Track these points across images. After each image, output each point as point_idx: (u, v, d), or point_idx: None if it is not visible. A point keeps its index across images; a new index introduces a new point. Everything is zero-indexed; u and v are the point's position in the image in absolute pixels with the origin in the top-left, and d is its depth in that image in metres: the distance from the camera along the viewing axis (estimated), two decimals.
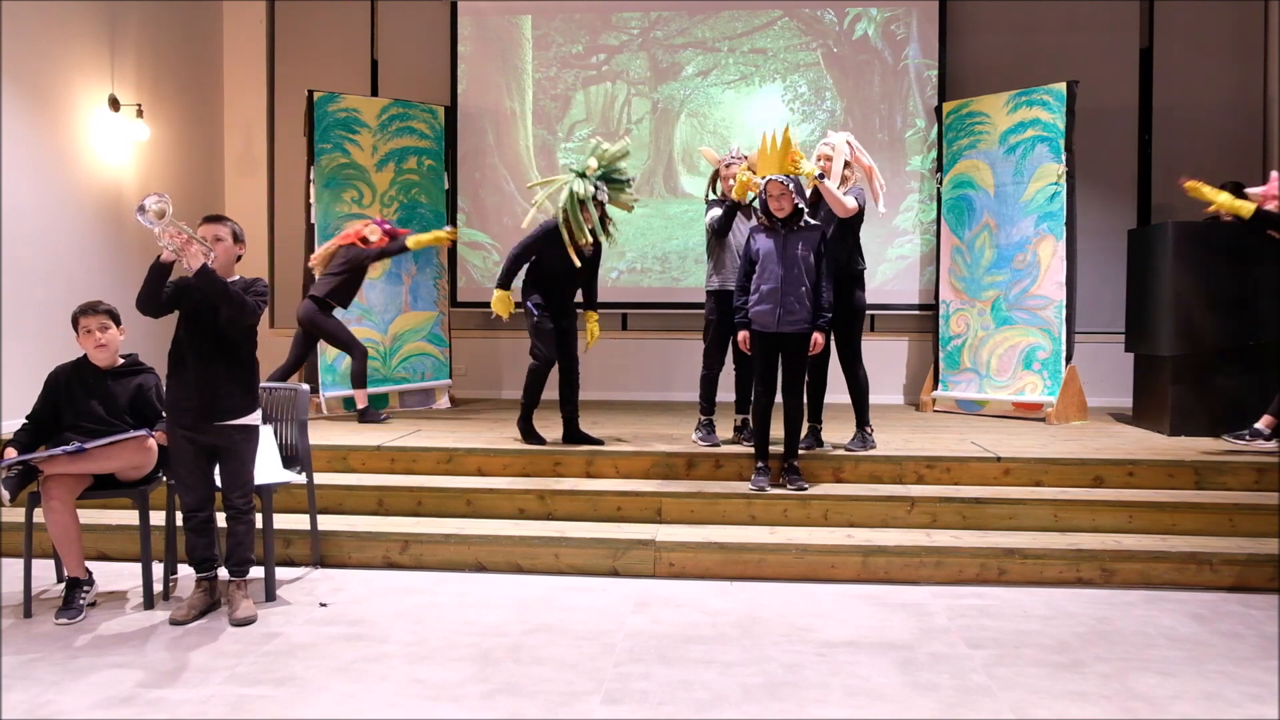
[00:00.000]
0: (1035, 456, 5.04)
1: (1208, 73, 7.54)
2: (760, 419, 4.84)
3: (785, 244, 4.66)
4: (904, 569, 4.34)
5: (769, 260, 4.68)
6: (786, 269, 4.63)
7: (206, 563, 3.88)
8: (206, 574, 3.88)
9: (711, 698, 3.10)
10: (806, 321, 4.68)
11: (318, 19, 8.15)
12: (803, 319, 4.66)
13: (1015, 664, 3.39)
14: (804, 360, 4.76)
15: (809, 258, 4.67)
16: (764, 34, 7.82)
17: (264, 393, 4.52)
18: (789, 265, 4.64)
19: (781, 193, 4.60)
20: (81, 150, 6.38)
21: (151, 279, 3.68)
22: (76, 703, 3.05)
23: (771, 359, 4.75)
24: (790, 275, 4.63)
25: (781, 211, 4.63)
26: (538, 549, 4.46)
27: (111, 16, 6.67)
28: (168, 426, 3.85)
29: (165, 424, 3.98)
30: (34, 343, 5.80)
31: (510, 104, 7.96)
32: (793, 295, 4.63)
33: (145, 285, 3.68)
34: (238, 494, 3.84)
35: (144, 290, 3.69)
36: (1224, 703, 3.08)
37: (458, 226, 7.82)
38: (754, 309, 4.72)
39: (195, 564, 3.87)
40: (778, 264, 4.65)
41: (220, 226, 3.85)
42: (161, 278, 3.69)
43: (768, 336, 4.71)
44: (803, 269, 4.64)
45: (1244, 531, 4.55)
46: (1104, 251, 7.43)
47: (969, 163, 7.00)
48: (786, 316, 4.65)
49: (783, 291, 4.63)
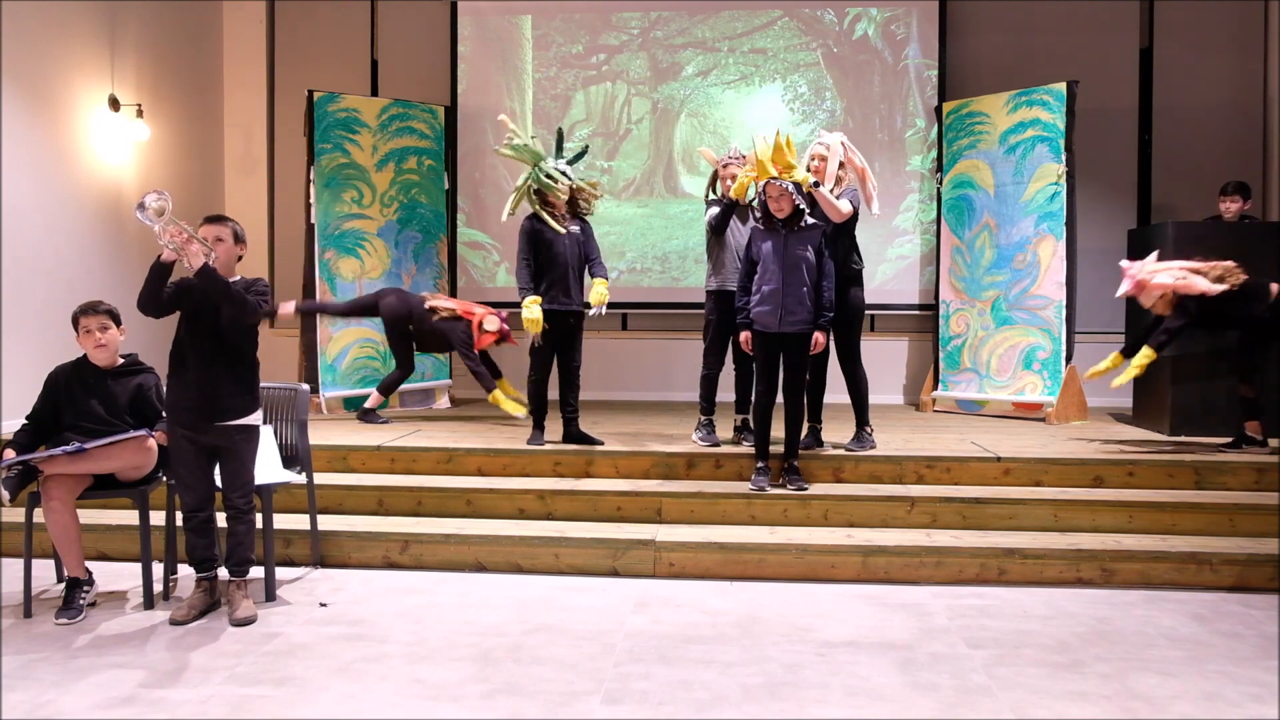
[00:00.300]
0: (1035, 456, 5.04)
1: (1208, 73, 7.54)
2: (761, 418, 4.85)
3: (786, 244, 4.68)
4: (904, 569, 4.34)
5: (770, 261, 4.70)
6: (787, 270, 4.65)
7: (207, 563, 3.88)
8: (207, 574, 3.88)
9: (711, 698, 3.10)
10: (808, 322, 4.70)
11: (318, 19, 8.15)
12: (804, 319, 4.68)
13: (1015, 664, 3.39)
14: (805, 360, 4.78)
15: (809, 257, 4.69)
16: (764, 34, 7.82)
17: (264, 392, 4.52)
18: (789, 266, 4.66)
19: (780, 194, 4.62)
20: (81, 150, 6.38)
21: (152, 278, 3.68)
22: (77, 703, 3.05)
23: (773, 359, 4.78)
24: (791, 276, 4.65)
25: (781, 212, 4.65)
26: (538, 549, 4.46)
27: (111, 16, 6.67)
28: (168, 426, 3.85)
29: (165, 424, 3.98)
30: (34, 343, 5.80)
31: (510, 104, 7.95)
32: (793, 295, 4.65)
33: (146, 285, 3.68)
34: (238, 494, 3.84)
35: (145, 290, 3.69)
36: (1224, 703, 3.08)
37: (458, 227, 7.84)
38: (755, 309, 4.74)
39: (195, 564, 3.87)
40: (778, 265, 4.67)
41: (221, 227, 3.85)
42: (162, 277, 3.69)
43: (769, 336, 4.74)
44: (804, 269, 4.66)
45: (1244, 531, 4.55)
46: (1104, 251, 7.42)
47: (969, 163, 7.00)
48: (788, 317, 4.66)
49: (784, 292, 4.65)
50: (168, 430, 3.86)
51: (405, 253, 7.18)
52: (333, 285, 6.83)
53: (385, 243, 7.09)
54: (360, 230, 6.98)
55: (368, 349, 7.00)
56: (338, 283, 6.86)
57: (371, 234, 7.03)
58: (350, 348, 6.93)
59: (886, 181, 7.73)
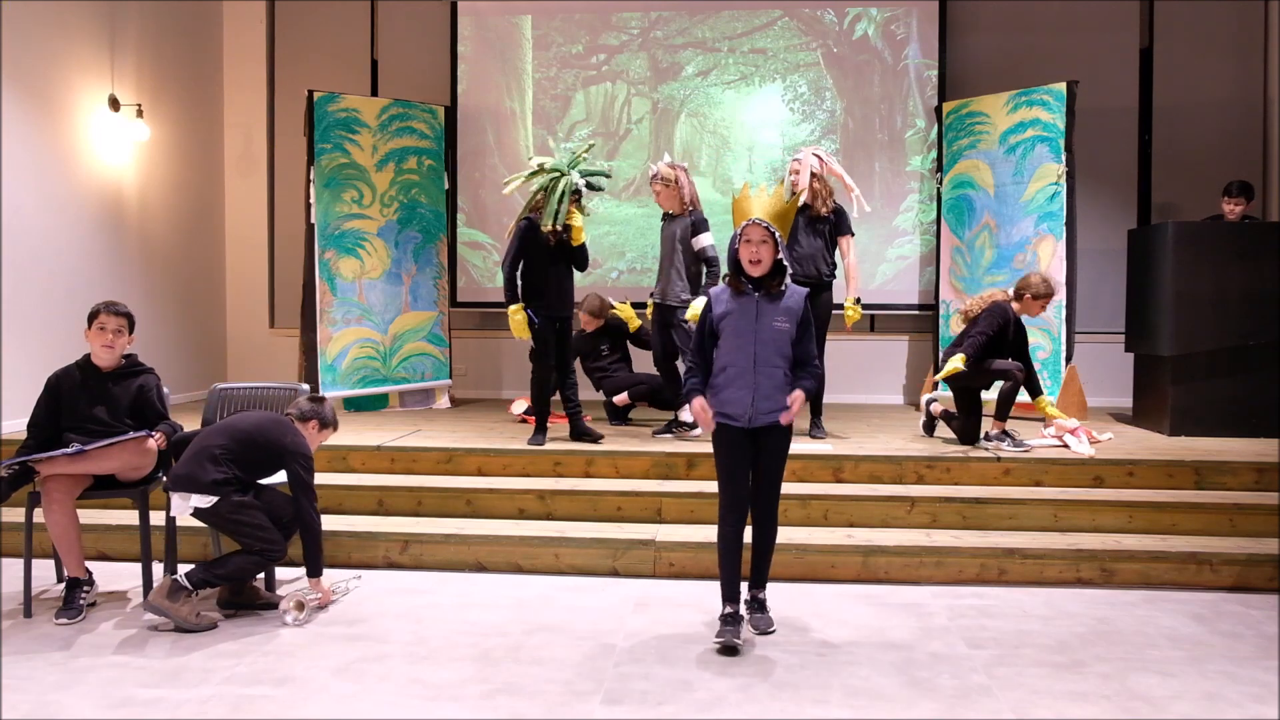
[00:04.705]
0: (1035, 457, 5.04)
1: (1208, 72, 7.54)
2: (728, 557, 3.60)
3: (759, 312, 3.54)
4: (904, 569, 4.34)
5: (738, 334, 3.55)
6: (760, 346, 3.52)
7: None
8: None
9: (711, 698, 3.10)
10: (788, 408, 3.55)
11: (318, 19, 8.15)
12: (783, 406, 3.53)
13: (1015, 664, 3.39)
14: (783, 457, 3.64)
15: (790, 331, 3.55)
16: (764, 34, 7.82)
17: (264, 392, 4.54)
18: (763, 341, 3.53)
19: (763, 239, 3.50)
20: (81, 150, 6.38)
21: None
22: (77, 703, 3.05)
23: (742, 462, 3.57)
24: (765, 354, 3.52)
25: (758, 265, 3.51)
26: (538, 549, 4.46)
27: (111, 16, 6.67)
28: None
29: (167, 425, 3.99)
30: (34, 343, 5.80)
31: (510, 104, 7.96)
32: (769, 378, 3.52)
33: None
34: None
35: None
36: (1224, 703, 3.08)
37: (458, 226, 7.85)
38: (720, 396, 3.56)
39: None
40: (750, 339, 3.53)
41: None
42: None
43: (735, 431, 3.55)
44: (782, 345, 3.54)
45: (1244, 531, 4.55)
46: (1104, 251, 7.42)
47: (969, 163, 7.00)
48: (762, 404, 3.50)
49: (756, 374, 3.51)
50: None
51: (405, 253, 7.18)
52: (332, 285, 6.83)
53: (385, 243, 7.09)
54: (360, 230, 6.97)
55: (367, 349, 7.00)
56: (338, 283, 6.85)
57: (371, 234, 7.02)
58: (350, 348, 6.93)
59: (887, 182, 7.73)
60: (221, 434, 3.82)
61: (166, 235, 7.37)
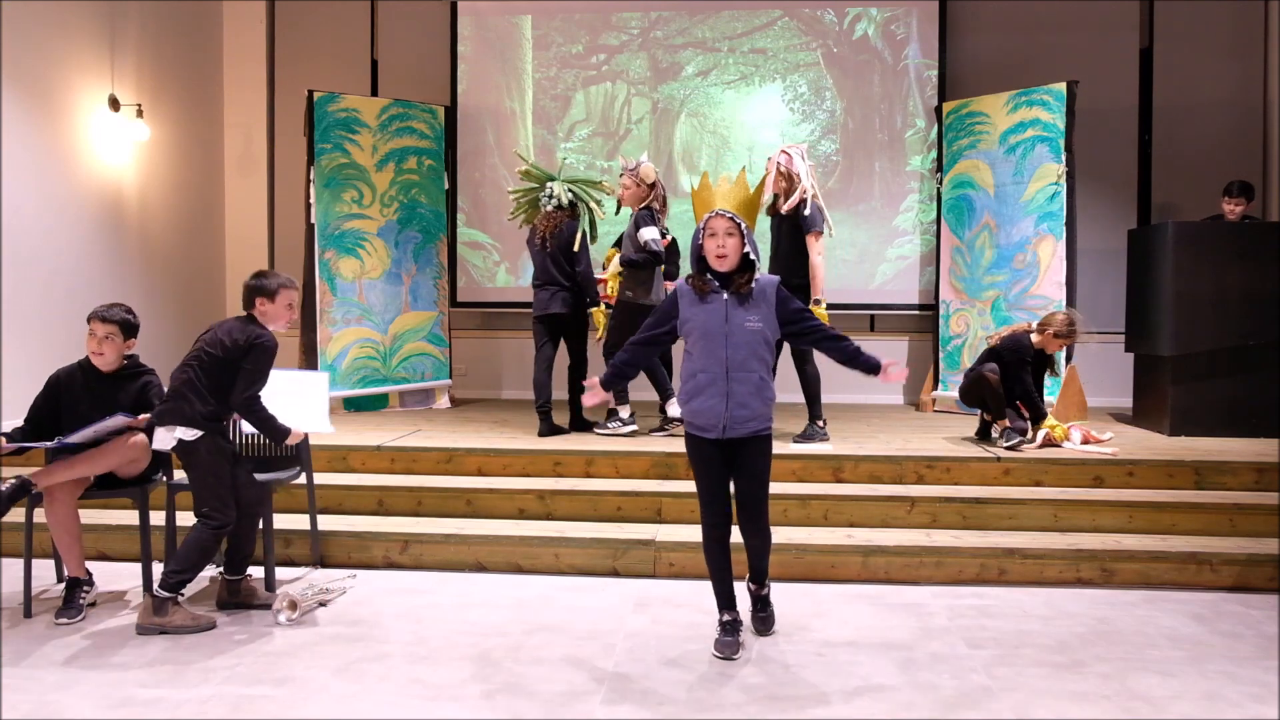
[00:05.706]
0: (1035, 457, 5.04)
1: (1208, 73, 7.54)
2: (717, 561, 3.47)
3: (729, 313, 3.31)
4: (904, 569, 4.34)
5: (707, 337, 3.32)
6: (733, 349, 3.30)
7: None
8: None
9: (711, 698, 3.10)
10: (766, 418, 3.36)
11: (318, 19, 8.15)
12: (760, 414, 3.33)
13: (1015, 664, 3.39)
14: (765, 469, 3.42)
15: (763, 332, 3.33)
16: (764, 34, 7.82)
17: None
18: (736, 344, 3.30)
19: (729, 230, 3.28)
20: (81, 150, 6.38)
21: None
22: (77, 703, 3.05)
23: (720, 473, 3.40)
24: (738, 358, 3.30)
25: (724, 259, 3.28)
26: (538, 549, 4.46)
27: (111, 16, 6.67)
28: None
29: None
30: (34, 343, 5.80)
31: (510, 104, 7.96)
32: (744, 384, 3.30)
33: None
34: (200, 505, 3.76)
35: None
36: (1224, 703, 3.08)
37: (458, 227, 7.86)
38: (690, 405, 3.37)
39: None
40: (720, 342, 3.30)
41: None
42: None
43: (706, 443, 3.37)
44: (757, 346, 3.33)
45: (1244, 531, 4.55)
46: (1104, 251, 7.42)
47: (969, 163, 7.00)
48: (738, 412, 3.30)
49: (730, 380, 3.29)
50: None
51: (405, 253, 7.18)
52: (332, 285, 6.83)
53: (385, 243, 7.08)
54: (360, 230, 6.97)
55: (367, 349, 7.00)
56: (338, 283, 6.85)
57: (371, 234, 7.02)
58: (350, 348, 6.92)
59: (887, 181, 7.74)
60: (193, 357, 3.80)
61: (166, 235, 7.37)
